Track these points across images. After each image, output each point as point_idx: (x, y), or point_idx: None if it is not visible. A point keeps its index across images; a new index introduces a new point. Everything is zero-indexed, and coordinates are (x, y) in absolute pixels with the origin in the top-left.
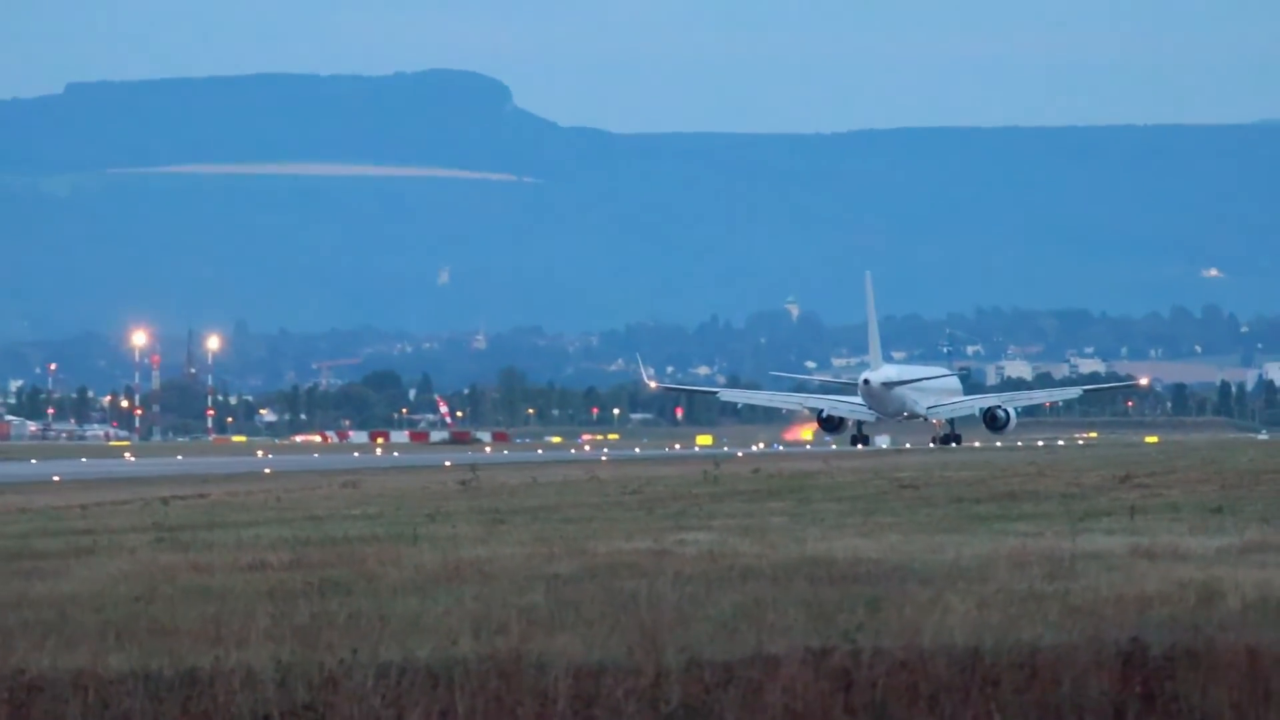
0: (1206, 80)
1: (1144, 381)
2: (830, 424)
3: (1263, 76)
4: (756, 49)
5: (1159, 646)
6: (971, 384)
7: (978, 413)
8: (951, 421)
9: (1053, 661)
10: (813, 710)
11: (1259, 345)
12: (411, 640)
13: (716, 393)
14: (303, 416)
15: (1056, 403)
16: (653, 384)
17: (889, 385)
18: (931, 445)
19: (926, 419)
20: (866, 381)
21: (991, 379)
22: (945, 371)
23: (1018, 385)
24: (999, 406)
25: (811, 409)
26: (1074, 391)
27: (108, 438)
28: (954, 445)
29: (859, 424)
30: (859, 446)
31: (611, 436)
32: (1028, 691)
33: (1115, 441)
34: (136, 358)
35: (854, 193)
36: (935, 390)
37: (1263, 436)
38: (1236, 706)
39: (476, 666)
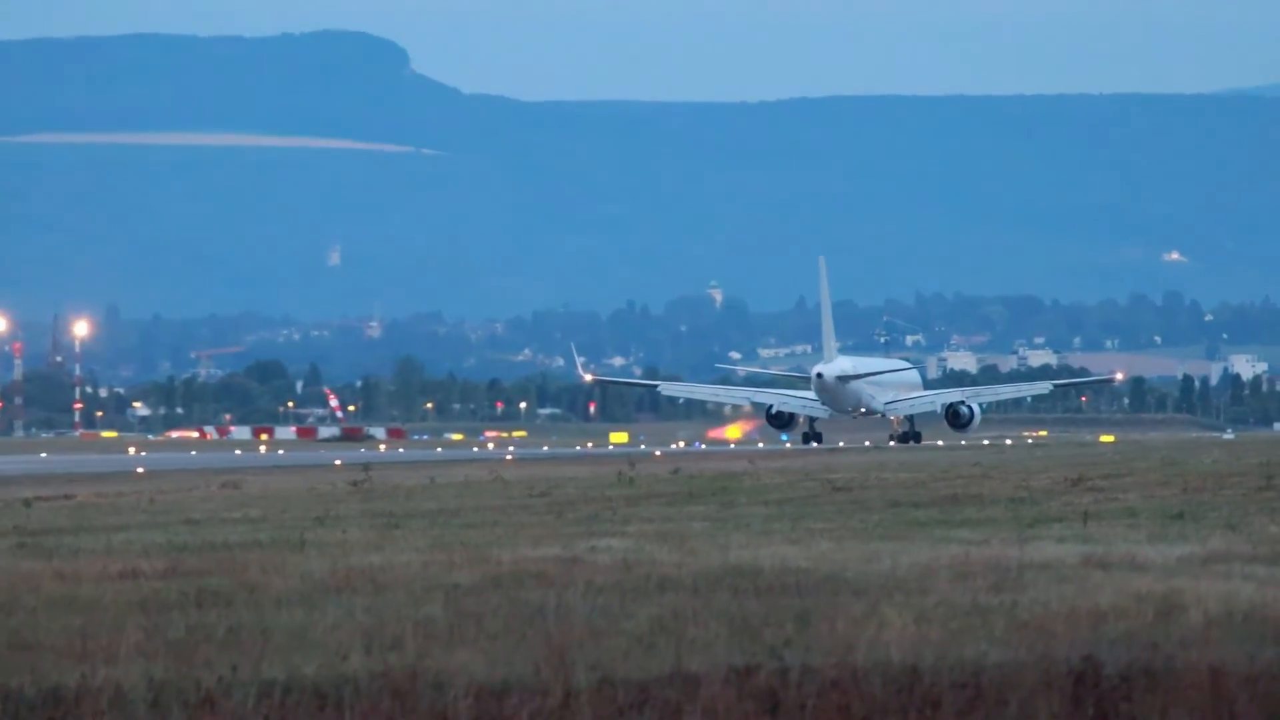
0: (1170, 46)
1: (1119, 376)
2: (780, 420)
3: (1231, 42)
4: (678, 8)
5: (1114, 665)
6: None
7: (939, 409)
8: (911, 418)
9: (998, 681)
10: None
11: (1224, 336)
12: (297, 656)
13: (657, 386)
14: (179, 410)
15: (1024, 398)
16: (588, 376)
17: (844, 379)
18: (890, 444)
19: (884, 415)
20: (819, 375)
21: (933, 372)
22: (905, 365)
23: (960, 379)
24: (963, 402)
25: (759, 404)
26: (1044, 386)
27: None
28: (914, 444)
29: (811, 420)
30: (812, 445)
31: (518, 433)
32: (970, 714)
33: (1067, 441)
34: None
35: (784, 167)
36: (894, 385)
37: (1228, 436)
38: None
39: (368, 685)
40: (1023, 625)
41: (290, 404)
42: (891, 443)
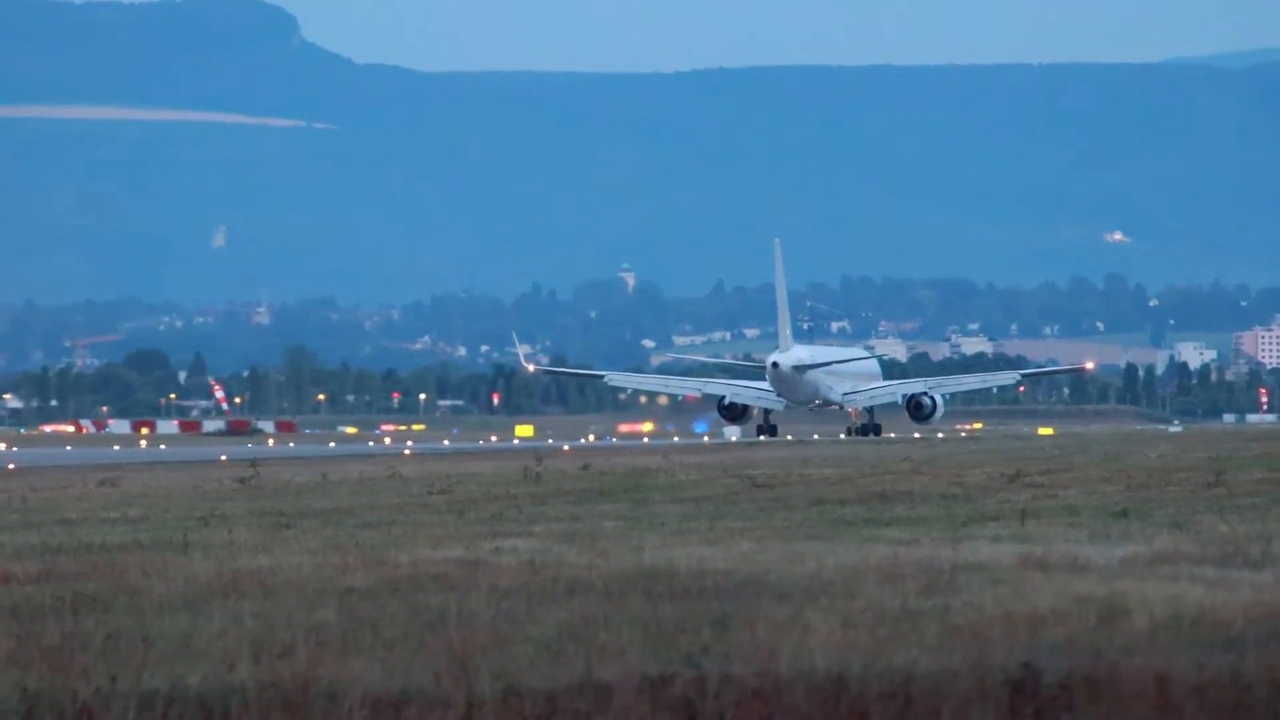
0: (1112, 12)
1: (1090, 366)
2: (732, 412)
3: (1176, 8)
4: None
5: (1054, 673)
6: None
7: (900, 400)
8: (870, 410)
9: (930, 690)
10: None
11: (1170, 321)
12: (181, 665)
13: (604, 377)
14: (53, 403)
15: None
16: (531, 367)
17: (801, 369)
18: (844, 436)
19: (842, 407)
20: (775, 365)
21: None
22: (864, 354)
23: (889, 369)
24: (925, 393)
25: (711, 395)
26: (1011, 377)
27: None
28: (873, 436)
29: (766, 413)
30: (763, 438)
31: (416, 427)
32: None
33: (1004, 434)
34: None
35: (701, 143)
36: (852, 375)
37: (1175, 428)
38: None
39: (257, 695)
40: (956, 630)
41: (172, 396)
42: (845, 435)
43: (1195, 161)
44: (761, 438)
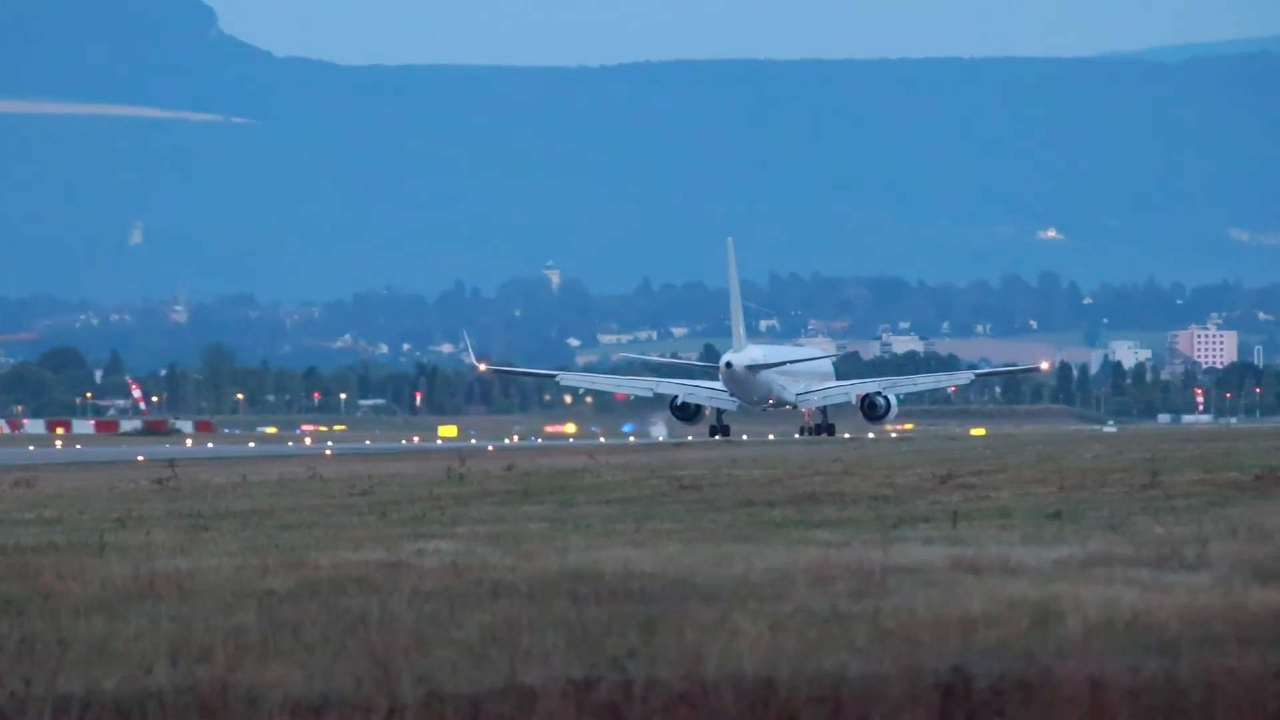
0: (1043, 6)
1: (1045, 366)
2: (685, 412)
3: (1109, 3)
4: None
5: (985, 677)
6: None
7: (854, 400)
8: (824, 410)
9: (860, 694)
10: None
11: (1104, 320)
12: (97, 669)
13: (555, 376)
14: None
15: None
16: (481, 365)
17: (754, 369)
18: (798, 436)
19: (795, 407)
20: (729, 364)
21: None
22: (818, 353)
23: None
24: (878, 394)
25: (663, 395)
26: (966, 376)
27: None
28: (826, 436)
29: (719, 413)
30: (717, 438)
31: (337, 427)
32: None
33: (935, 434)
34: None
35: (627, 138)
36: (806, 375)
37: (1109, 428)
38: None
39: (174, 700)
40: (886, 634)
41: (88, 395)
42: (799, 435)
43: (1129, 158)
44: (715, 438)
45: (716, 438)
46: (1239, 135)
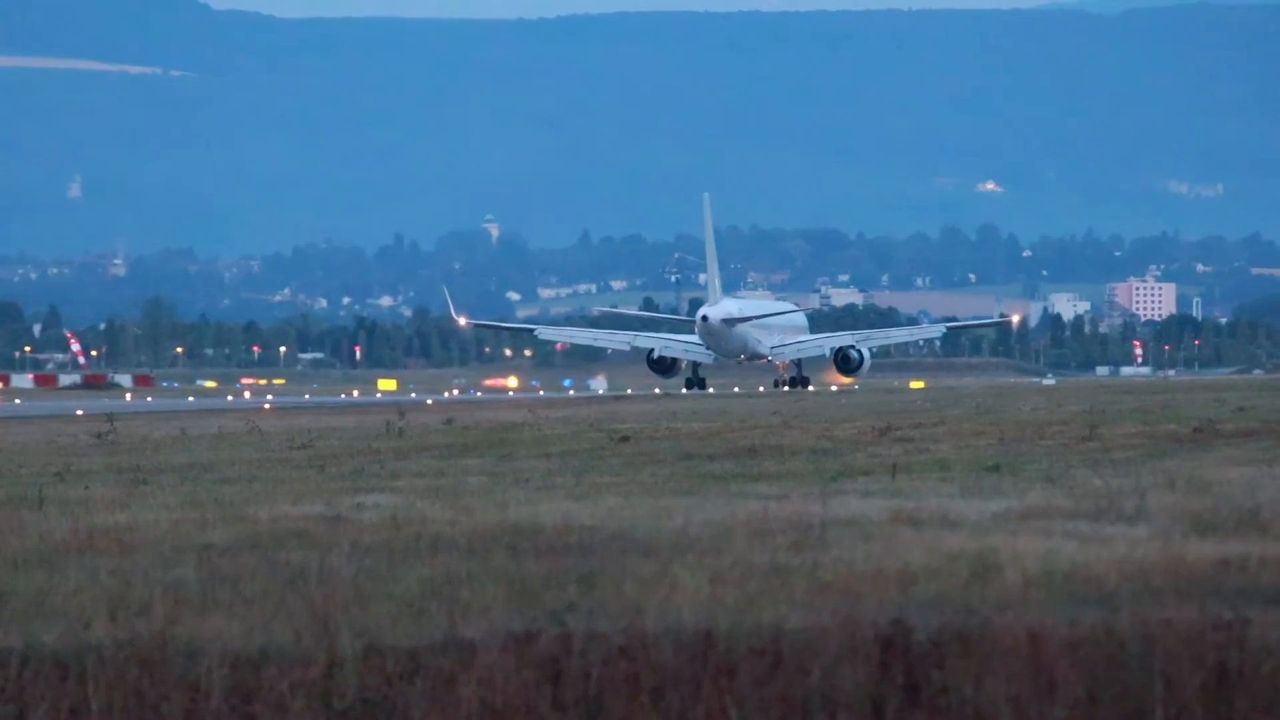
0: None
1: (1015, 319)
2: (662, 365)
3: None
4: None
5: (925, 630)
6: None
7: (828, 353)
8: (798, 363)
9: (799, 648)
10: (514, 705)
11: (1044, 273)
12: (35, 623)
13: (534, 330)
14: None
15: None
16: (462, 320)
17: (730, 322)
18: (773, 388)
19: (770, 360)
20: (705, 318)
21: None
22: (791, 307)
23: None
24: (852, 347)
25: (640, 348)
26: (937, 330)
27: None
28: (801, 389)
29: (694, 365)
30: (693, 390)
31: (276, 381)
32: (770, 683)
33: (874, 387)
34: None
35: (565, 90)
36: (780, 328)
37: (1048, 381)
38: (1015, 700)
39: (113, 654)
40: (826, 587)
41: (27, 349)
42: (776, 388)
43: (1068, 110)
44: (691, 390)
45: (693, 390)
46: (1177, 87)
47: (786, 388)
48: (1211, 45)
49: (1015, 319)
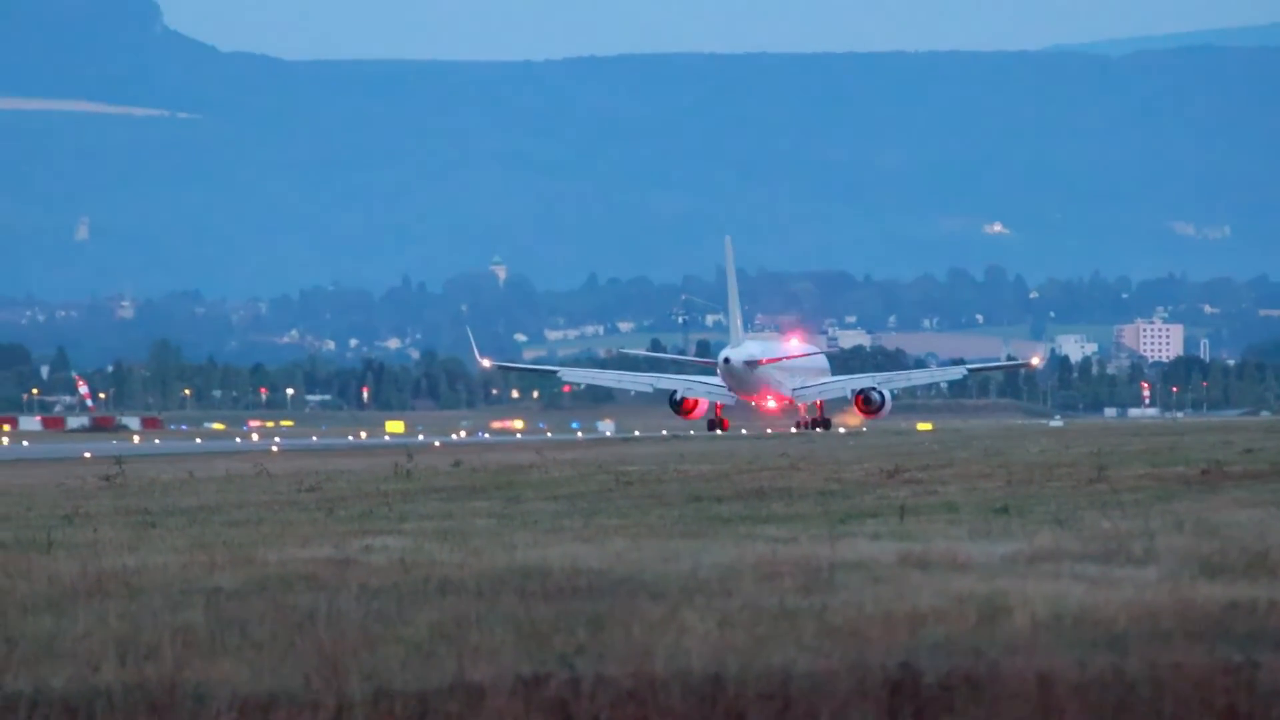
0: (985, 0)
1: (1036, 361)
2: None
3: None
4: None
5: (934, 673)
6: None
7: (849, 395)
8: (820, 405)
9: (808, 690)
10: None
11: (1051, 314)
12: (44, 667)
13: (557, 372)
14: None
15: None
16: (486, 362)
17: (752, 364)
18: (794, 430)
19: (792, 402)
20: (727, 360)
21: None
22: (813, 349)
23: None
24: (873, 388)
25: (663, 389)
26: (958, 372)
27: None
28: (822, 430)
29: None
30: (716, 432)
31: (284, 423)
32: None
33: (882, 429)
34: None
35: (572, 132)
36: (802, 370)
37: (1056, 423)
38: None
39: (122, 697)
40: (834, 630)
41: (35, 391)
42: (795, 429)
43: (1075, 151)
44: (717, 432)
45: (717, 432)
46: (1183, 128)
47: (809, 429)
48: (1218, 87)
49: (1035, 361)
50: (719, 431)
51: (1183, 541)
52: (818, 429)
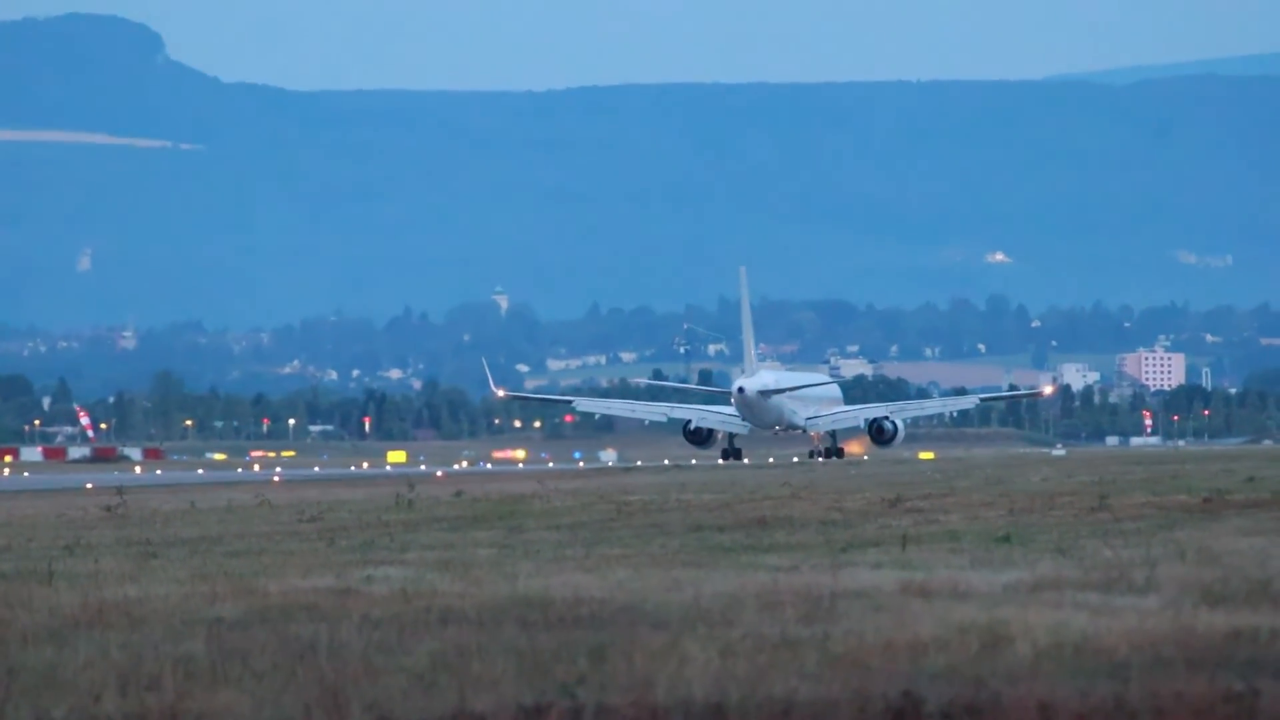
0: (990, 29)
1: (1048, 390)
2: (698, 437)
3: (1057, 25)
4: None
5: (935, 701)
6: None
7: (862, 424)
8: (833, 434)
9: (810, 719)
10: None
11: (1053, 343)
12: (45, 698)
13: (572, 402)
14: None
15: (951, 413)
16: (500, 392)
17: (766, 394)
18: (808, 458)
19: (805, 431)
20: (741, 390)
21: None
22: (826, 379)
23: None
24: (886, 418)
25: (677, 419)
26: (970, 401)
27: None
28: (836, 458)
29: (730, 436)
30: (730, 461)
31: (286, 453)
32: None
33: (884, 457)
34: None
35: (574, 161)
36: (815, 399)
37: (1058, 452)
38: None
39: None
40: (836, 659)
41: (36, 422)
42: (810, 458)
43: (1077, 180)
44: (729, 460)
45: (731, 460)
46: (1185, 158)
47: (821, 458)
48: (1219, 116)
49: (1048, 390)
50: (733, 460)
51: (1184, 570)
52: (831, 457)
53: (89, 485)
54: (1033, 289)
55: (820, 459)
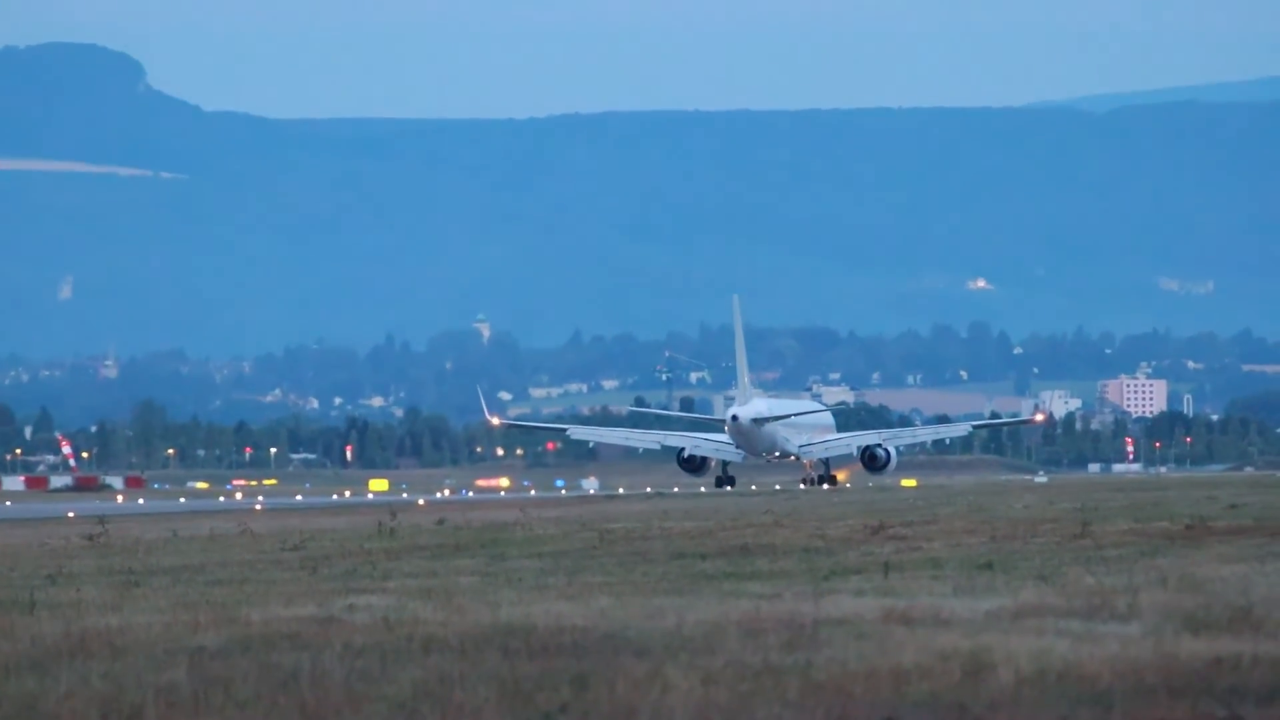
0: (971, 56)
1: (1040, 417)
2: (692, 464)
3: (1036, 53)
4: (435, 19)
5: None
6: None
7: (855, 452)
8: (826, 461)
9: None
10: None
11: (1034, 370)
12: None
13: (566, 430)
14: None
15: (943, 440)
16: (495, 420)
17: (759, 422)
18: (802, 486)
19: (798, 458)
20: (735, 418)
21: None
22: (819, 407)
23: None
24: (879, 445)
25: (671, 447)
26: (963, 429)
27: None
28: (827, 486)
29: (724, 464)
30: (726, 488)
31: (268, 481)
32: None
33: (865, 485)
34: None
35: (556, 189)
36: (808, 427)
37: (1040, 479)
38: None
39: None
40: (818, 686)
41: (18, 451)
42: (803, 485)
43: (1057, 207)
44: (726, 488)
45: (727, 488)
46: (1166, 184)
47: (814, 485)
48: (1201, 142)
49: (1039, 417)
50: (728, 488)
51: (1166, 597)
52: (824, 485)
53: (71, 514)
54: (1014, 316)
55: (814, 485)
